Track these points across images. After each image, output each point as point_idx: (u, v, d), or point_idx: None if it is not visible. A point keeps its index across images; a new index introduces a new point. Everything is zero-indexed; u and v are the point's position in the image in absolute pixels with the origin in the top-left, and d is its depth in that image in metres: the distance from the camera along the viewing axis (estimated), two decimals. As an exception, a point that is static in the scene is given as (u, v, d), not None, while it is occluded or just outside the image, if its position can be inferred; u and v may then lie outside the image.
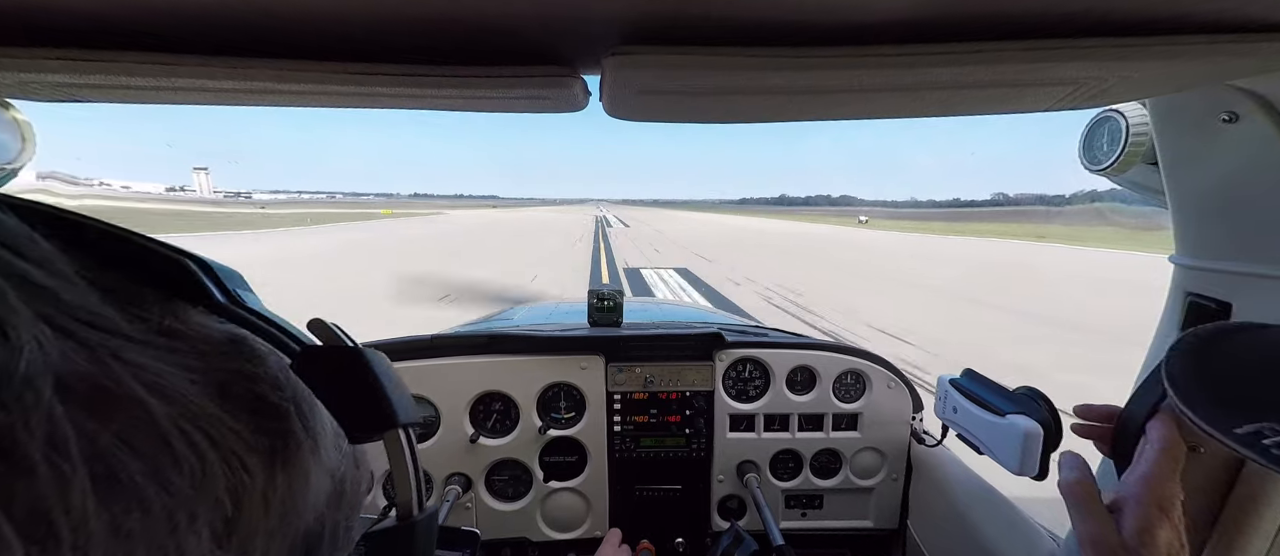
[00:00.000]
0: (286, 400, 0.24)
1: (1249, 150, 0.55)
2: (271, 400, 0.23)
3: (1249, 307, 0.60)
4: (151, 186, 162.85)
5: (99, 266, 0.20)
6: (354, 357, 0.26)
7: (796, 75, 0.43)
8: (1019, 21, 0.38)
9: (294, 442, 0.23)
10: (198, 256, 0.23)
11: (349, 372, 0.25)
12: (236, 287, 0.25)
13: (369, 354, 0.26)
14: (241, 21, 0.39)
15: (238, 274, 0.26)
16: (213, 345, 0.22)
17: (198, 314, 0.22)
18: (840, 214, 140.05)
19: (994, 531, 0.96)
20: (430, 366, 1.20)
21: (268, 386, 0.23)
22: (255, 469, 0.21)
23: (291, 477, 0.23)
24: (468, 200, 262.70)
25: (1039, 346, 6.77)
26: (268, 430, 0.22)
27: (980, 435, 0.74)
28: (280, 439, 0.22)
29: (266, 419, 0.22)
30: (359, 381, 0.25)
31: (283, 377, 0.24)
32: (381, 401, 0.25)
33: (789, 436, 1.28)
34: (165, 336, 0.20)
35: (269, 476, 0.21)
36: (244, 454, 0.20)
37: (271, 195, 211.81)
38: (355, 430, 0.25)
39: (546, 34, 0.42)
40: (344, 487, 0.27)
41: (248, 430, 0.21)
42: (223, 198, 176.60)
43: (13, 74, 0.43)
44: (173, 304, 0.22)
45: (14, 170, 0.68)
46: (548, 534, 1.28)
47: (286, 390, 0.24)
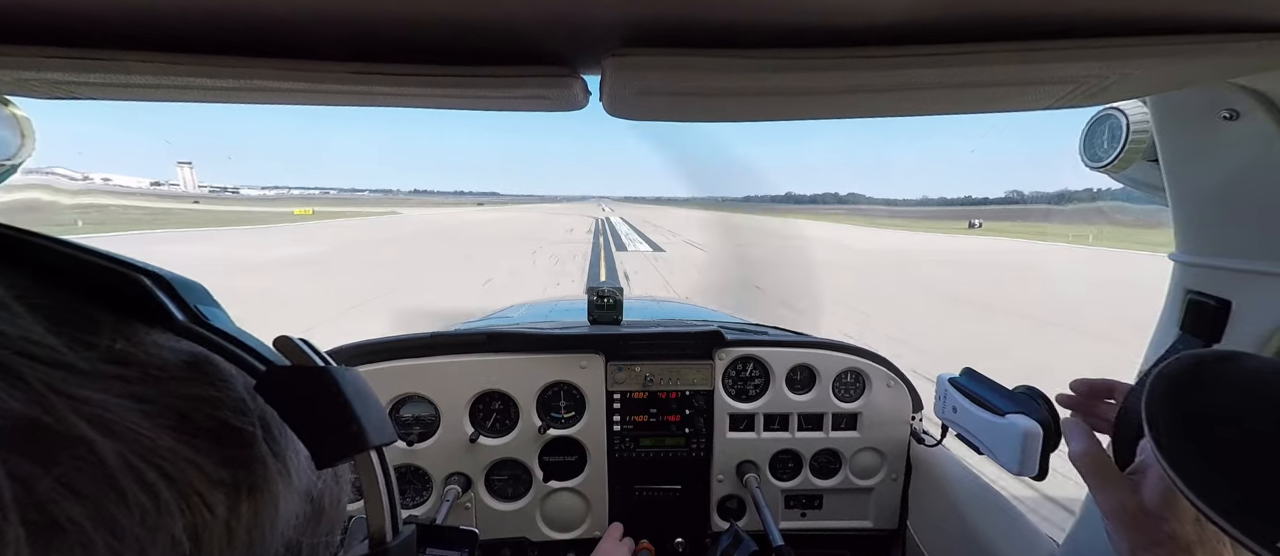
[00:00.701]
0: (252, 424, 0.22)
1: (1249, 147, 0.55)
2: (235, 425, 0.22)
3: (1248, 304, 0.60)
4: (135, 181, 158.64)
5: (44, 288, 0.19)
6: (321, 377, 0.24)
7: (796, 75, 0.42)
8: (1019, 21, 0.38)
9: (260, 469, 0.22)
10: (155, 271, 0.22)
11: (316, 393, 0.24)
12: (198, 304, 0.23)
13: (338, 372, 0.25)
14: (241, 20, 0.39)
15: (201, 288, 0.24)
16: (169, 370, 0.20)
17: (155, 335, 0.21)
18: (851, 213, 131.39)
19: (993, 531, 0.96)
20: (430, 365, 1.19)
21: (231, 411, 0.22)
22: (216, 502, 0.19)
23: (258, 506, 0.21)
24: (468, 197, 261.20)
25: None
26: (231, 459, 0.21)
27: (980, 435, 0.74)
28: (244, 468, 0.21)
29: (230, 447, 0.21)
30: (327, 402, 0.24)
31: (249, 401, 0.23)
32: (351, 422, 0.24)
33: (789, 436, 1.28)
34: (116, 363, 0.18)
35: (232, 508, 0.20)
36: (204, 488, 0.19)
37: (261, 191, 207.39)
38: (323, 454, 0.24)
39: (547, 34, 0.42)
40: (323, 506, 0.26)
41: (209, 461, 0.20)
42: (208, 193, 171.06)
43: (12, 71, 0.43)
44: (127, 326, 0.20)
45: (14, 166, 0.68)
46: (547, 533, 1.28)
47: (252, 414, 0.23)
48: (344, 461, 0.25)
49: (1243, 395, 0.35)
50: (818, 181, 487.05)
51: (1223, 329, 0.62)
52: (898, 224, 71.35)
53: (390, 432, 0.27)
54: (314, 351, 0.26)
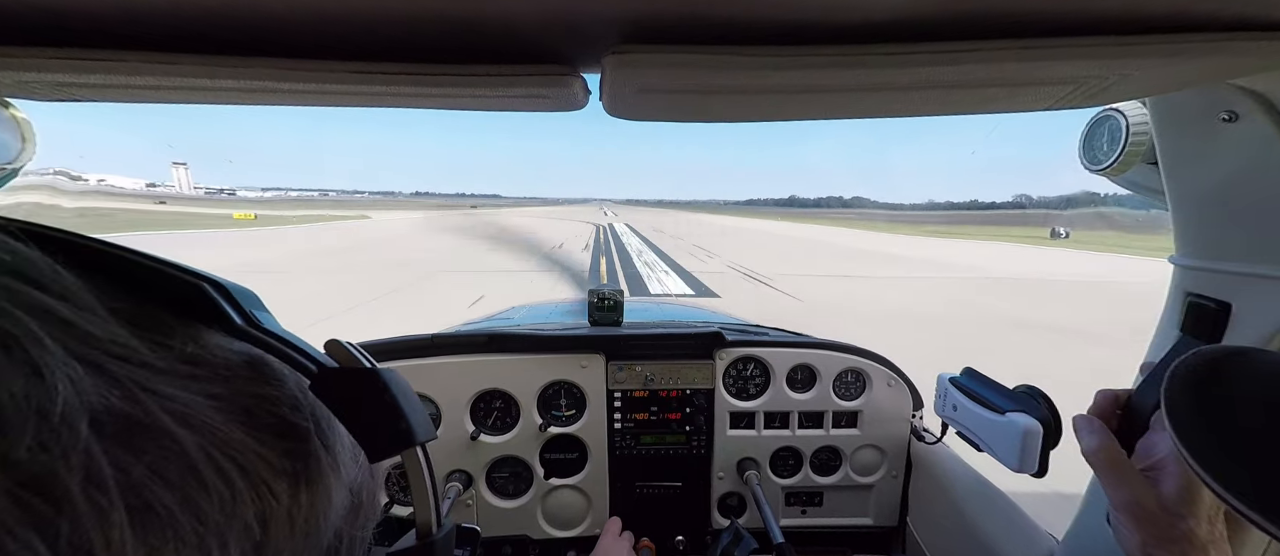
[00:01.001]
0: (306, 420, 0.24)
1: (1249, 149, 0.55)
2: (293, 421, 0.23)
3: (1249, 308, 0.59)
4: (130, 182, 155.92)
5: (119, 294, 0.20)
6: (372, 378, 0.26)
7: (796, 75, 0.42)
8: (1018, 20, 0.38)
9: (315, 462, 0.24)
10: (214, 278, 0.23)
11: (367, 392, 0.26)
12: (252, 309, 0.25)
13: (386, 374, 0.26)
14: (241, 21, 0.39)
15: (253, 294, 0.26)
16: (233, 370, 0.22)
17: (216, 337, 0.22)
18: (859, 217, 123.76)
19: (993, 528, 0.97)
20: (430, 364, 1.20)
21: (288, 408, 0.23)
22: (280, 491, 0.21)
23: (314, 497, 0.23)
24: (470, 198, 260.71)
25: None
26: (291, 452, 0.22)
27: (980, 433, 0.74)
28: (303, 460, 0.23)
29: (290, 441, 0.23)
30: (377, 401, 0.26)
31: (302, 398, 0.24)
32: (400, 420, 0.26)
33: (789, 434, 1.29)
34: (188, 364, 0.20)
35: (294, 497, 0.22)
36: (270, 478, 0.21)
37: (258, 193, 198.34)
38: (375, 449, 0.26)
39: (546, 33, 0.42)
40: (361, 500, 0.28)
41: (273, 454, 0.21)
42: (204, 194, 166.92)
43: (13, 73, 0.43)
44: (192, 328, 0.22)
45: (15, 169, 0.68)
46: (548, 531, 1.28)
47: (306, 411, 0.24)
48: (393, 456, 0.26)
49: (1261, 386, 0.35)
50: (820, 184, 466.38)
51: (1223, 332, 0.62)
52: (938, 231, 60.93)
53: (432, 430, 0.28)
54: (362, 354, 0.28)
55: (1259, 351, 0.38)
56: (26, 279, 0.17)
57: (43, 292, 0.17)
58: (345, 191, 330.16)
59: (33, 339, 0.15)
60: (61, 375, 0.15)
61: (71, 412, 0.15)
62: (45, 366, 0.15)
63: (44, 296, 0.17)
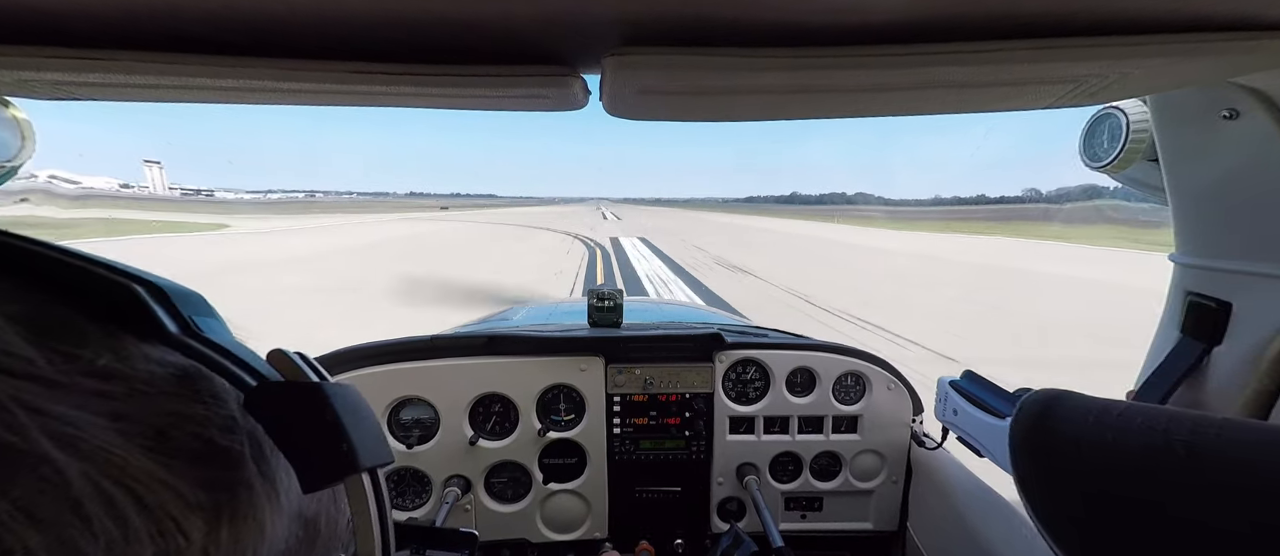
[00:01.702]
0: (240, 443, 0.21)
1: (1249, 147, 0.55)
2: (222, 444, 0.20)
3: (1249, 307, 0.59)
4: (103, 182, 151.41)
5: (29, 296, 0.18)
6: (312, 393, 0.23)
7: (796, 75, 0.43)
8: (1019, 20, 0.38)
9: (244, 493, 0.21)
10: (149, 279, 0.21)
11: (306, 411, 0.22)
12: (194, 315, 0.22)
13: (331, 389, 0.23)
14: (241, 20, 0.39)
15: (199, 298, 0.23)
16: (155, 385, 0.19)
17: (146, 347, 0.20)
18: (863, 214, 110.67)
19: (994, 533, 0.96)
20: (429, 368, 1.19)
21: (218, 429, 0.20)
22: (193, 528, 0.18)
23: (239, 533, 0.20)
24: (463, 199, 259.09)
25: None
26: (212, 482, 0.19)
27: (980, 437, 0.74)
28: (227, 491, 0.20)
29: (212, 468, 0.20)
30: (316, 421, 0.22)
31: (239, 418, 0.21)
32: (339, 442, 0.22)
33: (789, 438, 1.28)
34: (96, 378, 0.17)
35: (211, 534, 0.19)
36: (179, 513, 0.18)
37: (237, 194, 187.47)
38: (310, 476, 0.22)
39: (546, 33, 0.42)
40: (319, 528, 0.25)
41: (185, 484, 0.18)
42: (180, 196, 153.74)
43: (12, 72, 0.43)
44: (115, 338, 0.19)
45: (14, 168, 0.68)
46: (547, 535, 1.28)
47: (241, 433, 0.21)
48: (332, 484, 0.23)
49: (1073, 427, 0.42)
50: (822, 181, 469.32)
51: (1223, 331, 0.62)
52: (1008, 229, 50.28)
53: (385, 453, 0.25)
54: (309, 365, 0.25)
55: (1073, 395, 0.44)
56: None
57: None
58: (337, 192, 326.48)
59: None
60: None
61: None
62: None
63: None
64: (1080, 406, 0.41)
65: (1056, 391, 0.43)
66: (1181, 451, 0.33)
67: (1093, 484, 0.38)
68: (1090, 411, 0.40)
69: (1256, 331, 0.58)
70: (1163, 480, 0.34)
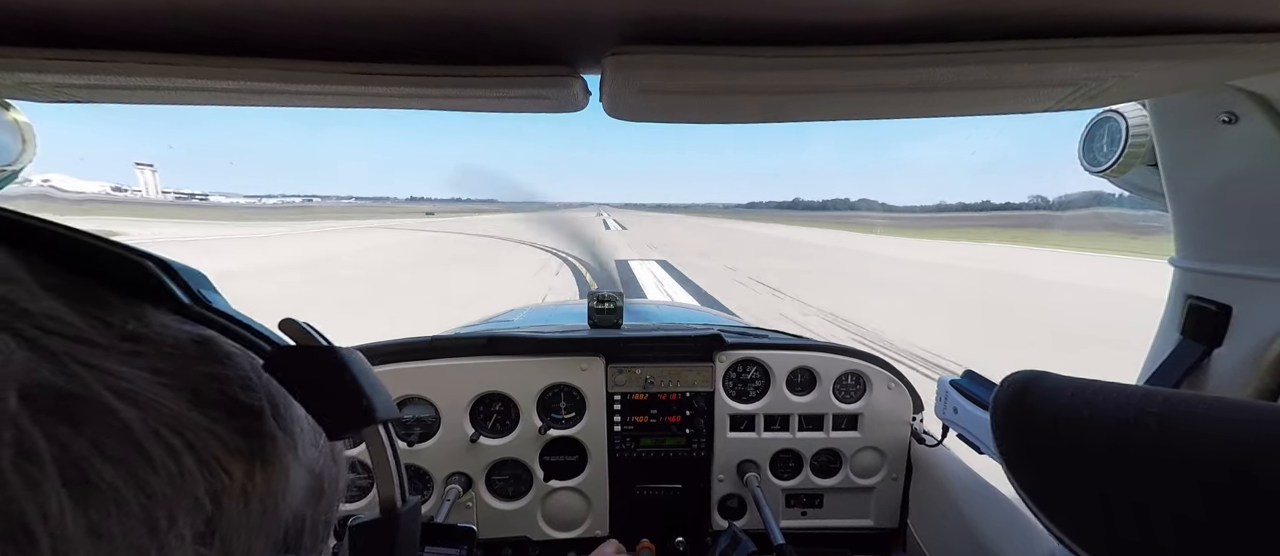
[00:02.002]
0: (259, 400, 0.23)
1: (1249, 151, 0.55)
2: (245, 401, 0.23)
3: (1250, 311, 0.59)
4: (93, 186, 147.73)
5: (60, 271, 0.19)
6: (328, 356, 0.25)
7: (796, 75, 0.42)
8: (1019, 22, 0.38)
9: (270, 443, 0.23)
10: (158, 257, 0.23)
11: (324, 371, 0.25)
12: (200, 288, 0.24)
13: (344, 352, 0.26)
14: (241, 21, 0.39)
15: (201, 274, 0.25)
16: (180, 348, 0.21)
17: (161, 315, 0.22)
18: (869, 220, 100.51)
19: (994, 530, 0.96)
20: (430, 367, 1.20)
21: (239, 388, 0.23)
22: (234, 469, 0.21)
23: (270, 476, 0.23)
24: (464, 204, 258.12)
25: None
26: (245, 430, 0.22)
27: (980, 435, 0.74)
28: (257, 439, 0.22)
29: (243, 419, 0.22)
30: (335, 380, 0.25)
31: (255, 378, 0.24)
32: (359, 398, 0.25)
33: (789, 436, 1.28)
34: (130, 341, 0.19)
35: (248, 475, 0.21)
36: (222, 455, 0.20)
37: (232, 199, 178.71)
38: (334, 428, 0.25)
39: (546, 34, 0.42)
40: (323, 484, 0.27)
41: (225, 431, 0.21)
42: (173, 200, 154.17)
43: (12, 74, 0.43)
44: (135, 306, 0.21)
45: (15, 171, 0.68)
46: (548, 533, 1.28)
47: (259, 391, 0.23)
48: (354, 433, 0.26)
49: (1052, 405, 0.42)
50: (822, 187, 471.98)
51: (1223, 334, 0.62)
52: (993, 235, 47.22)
53: (394, 408, 0.28)
54: (317, 333, 0.27)
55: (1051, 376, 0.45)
56: None
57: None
58: (337, 197, 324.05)
59: None
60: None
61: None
62: None
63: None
64: (1057, 384, 0.42)
65: (1035, 372, 0.44)
66: (1154, 425, 0.34)
67: (1070, 459, 0.38)
68: (1066, 389, 0.41)
69: (1256, 334, 0.58)
70: (1136, 454, 0.35)
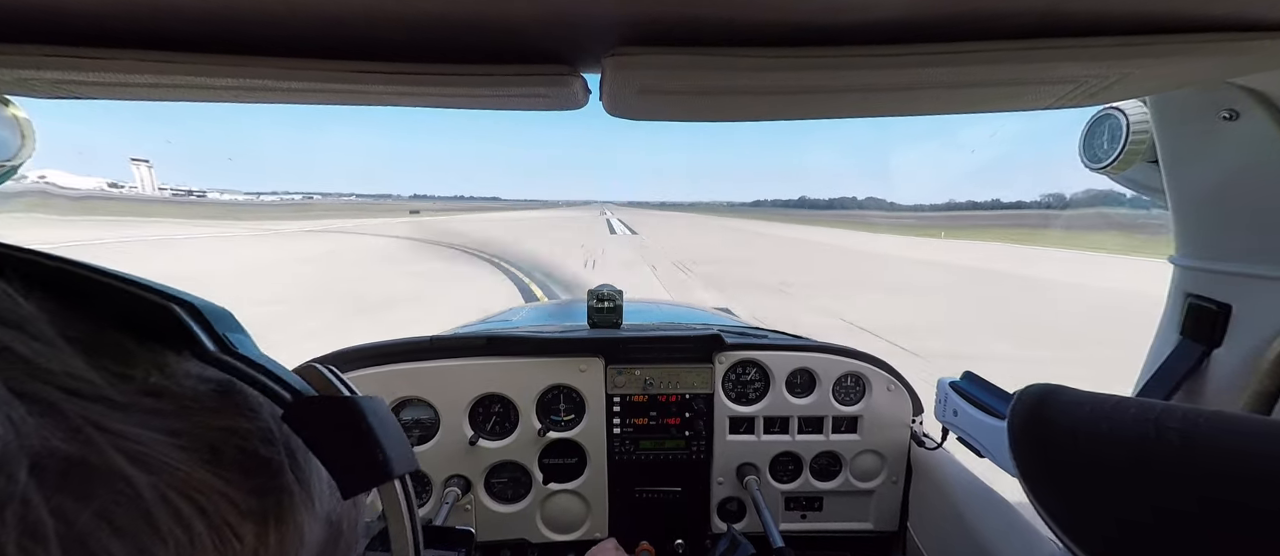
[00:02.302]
0: (279, 454, 0.23)
1: (1250, 148, 0.55)
2: (264, 455, 0.22)
3: (1249, 309, 0.59)
4: (88, 182, 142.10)
5: (78, 319, 0.19)
6: (348, 407, 0.25)
7: (796, 75, 0.42)
8: (1019, 20, 0.38)
9: (288, 498, 0.22)
10: (187, 299, 0.22)
11: (342, 423, 0.24)
12: (227, 331, 0.23)
13: (364, 402, 0.25)
14: (241, 19, 0.39)
15: (229, 315, 0.24)
16: (201, 400, 0.21)
17: (184, 363, 0.21)
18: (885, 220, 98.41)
19: (994, 534, 0.96)
20: (429, 368, 1.19)
21: (259, 441, 0.22)
22: (246, 533, 0.20)
23: (284, 535, 0.22)
24: (467, 202, 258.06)
25: None
26: (259, 489, 0.21)
27: (980, 438, 0.74)
28: (273, 497, 0.22)
29: (258, 477, 0.21)
30: (352, 432, 0.24)
31: (276, 430, 0.23)
32: (376, 451, 0.24)
33: (789, 439, 1.28)
34: (151, 396, 0.19)
35: (261, 537, 0.21)
36: (235, 520, 0.19)
37: (230, 195, 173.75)
38: (349, 484, 0.24)
39: (546, 33, 0.42)
40: (341, 530, 0.27)
41: (239, 493, 0.20)
42: (170, 196, 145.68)
43: (12, 71, 0.43)
44: (158, 355, 0.20)
45: (14, 167, 0.68)
46: (547, 535, 1.27)
47: (279, 443, 0.23)
48: (368, 490, 0.25)
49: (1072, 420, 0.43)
50: (828, 185, 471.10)
51: (1223, 333, 0.61)
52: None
53: (412, 460, 0.27)
54: (339, 379, 0.26)
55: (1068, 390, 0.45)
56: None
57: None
58: (338, 194, 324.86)
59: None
60: (1, 417, 0.14)
61: (9, 458, 0.14)
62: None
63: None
64: (1074, 399, 0.42)
65: (1050, 385, 0.44)
66: (1176, 441, 0.34)
67: (1091, 475, 0.38)
68: (1084, 404, 0.41)
69: (1257, 333, 0.58)
70: (1158, 469, 0.35)
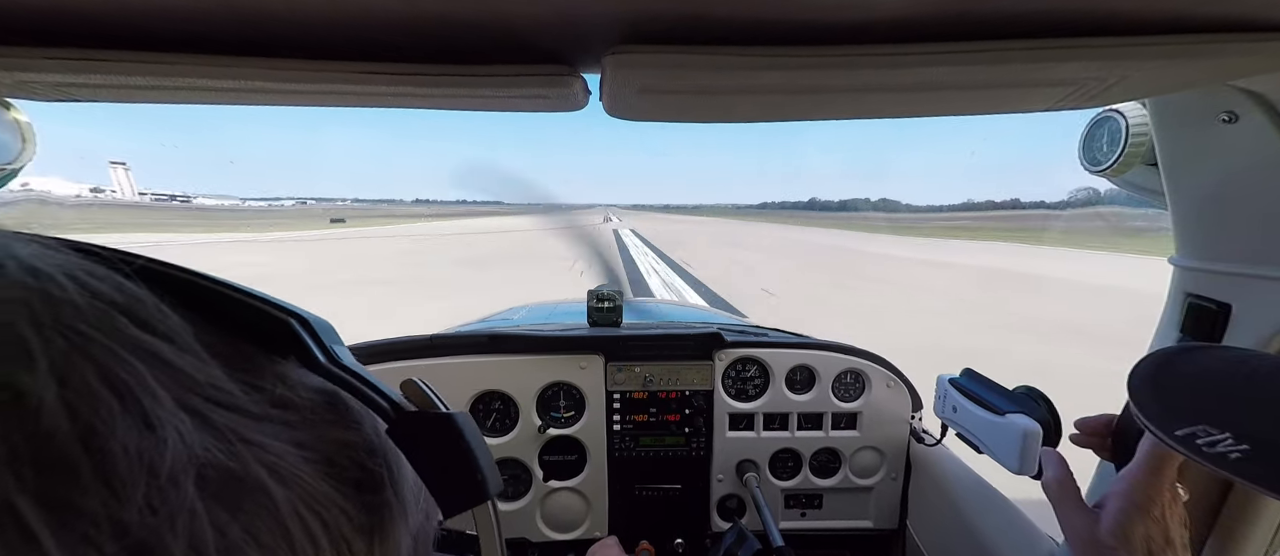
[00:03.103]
0: (381, 467, 0.23)
1: (1249, 150, 0.55)
2: (370, 468, 0.22)
3: (1249, 309, 0.60)
4: (67, 186, 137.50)
5: (216, 331, 0.19)
6: (448, 424, 0.25)
7: (796, 75, 0.43)
8: (1019, 21, 0.38)
9: (388, 513, 0.23)
10: (300, 312, 0.23)
11: (444, 441, 0.24)
12: (331, 343, 0.24)
13: (461, 420, 0.25)
14: (240, 21, 0.39)
15: (332, 327, 0.25)
16: (317, 412, 0.21)
17: (300, 374, 0.22)
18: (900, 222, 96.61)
19: (993, 530, 0.96)
20: (429, 365, 1.20)
21: (365, 454, 0.22)
22: (359, 548, 0.20)
23: (387, 549, 0.22)
24: (470, 207, 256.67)
25: None
26: (367, 504, 0.21)
27: (980, 434, 0.74)
28: (378, 513, 0.22)
29: (366, 492, 0.22)
30: (453, 450, 0.24)
31: (377, 443, 0.23)
32: (475, 472, 0.24)
33: (788, 435, 1.28)
34: (279, 407, 0.19)
35: (368, 549, 0.21)
36: (350, 534, 0.20)
37: (219, 201, 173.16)
38: (451, 503, 0.24)
39: (546, 33, 0.42)
40: (419, 540, 0.27)
41: (352, 507, 0.20)
42: (151, 201, 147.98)
43: (12, 74, 0.43)
44: (279, 366, 0.21)
45: (14, 170, 0.68)
46: (547, 534, 1.28)
47: (380, 456, 0.23)
48: (468, 509, 0.25)
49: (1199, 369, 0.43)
50: (837, 187, 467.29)
51: (1223, 332, 0.62)
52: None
53: (500, 480, 0.27)
54: (438, 397, 0.27)
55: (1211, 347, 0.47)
56: (136, 319, 0.16)
57: (151, 334, 0.16)
58: (335, 199, 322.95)
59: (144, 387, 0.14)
60: (170, 427, 0.14)
61: (179, 470, 0.14)
62: (154, 417, 0.14)
63: (153, 339, 0.16)
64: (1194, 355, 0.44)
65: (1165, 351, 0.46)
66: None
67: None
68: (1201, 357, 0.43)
69: (1256, 332, 0.59)
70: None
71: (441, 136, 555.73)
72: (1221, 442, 0.36)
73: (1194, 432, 0.37)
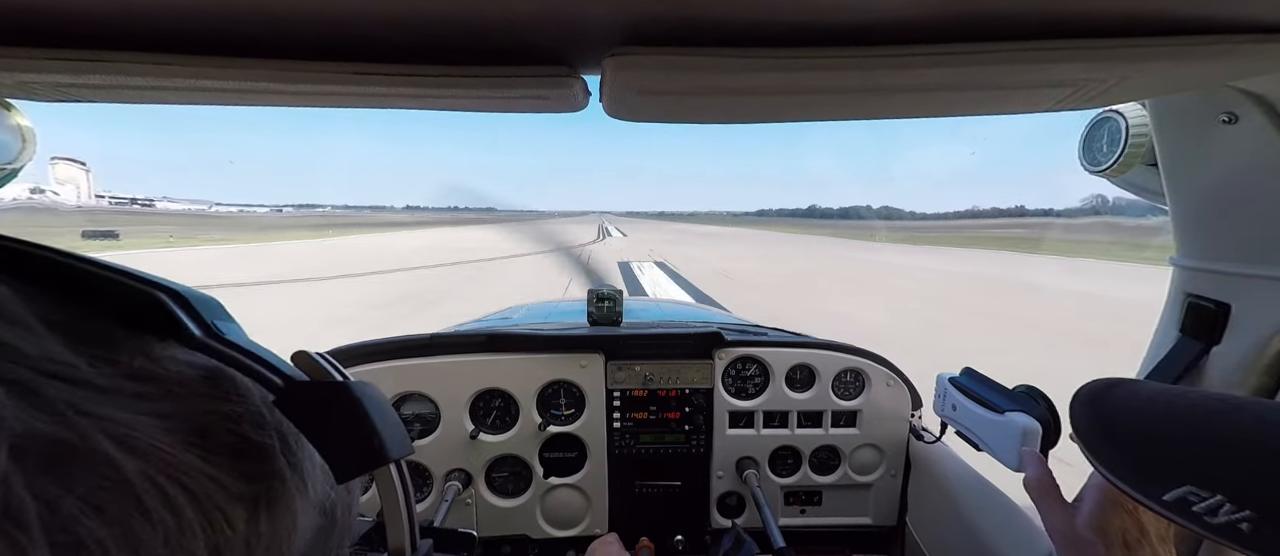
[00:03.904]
0: (270, 438, 0.22)
1: (1249, 151, 0.55)
2: (255, 439, 0.22)
3: (1248, 308, 0.60)
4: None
5: (62, 305, 0.19)
6: (341, 391, 0.24)
7: (796, 75, 0.43)
8: (1019, 22, 0.38)
9: (278, 483, 0.22)
10: (171, 287, 0.22)
11: (336, 408, 0.24)
12: (214, 319, 0.23)
13: (357, 386, 0.25)
14: (241, 21, 0.39)
15: (216, 303, 0.24)
16: (188, 385, 0.20)
17: (172, 350, 0.21)
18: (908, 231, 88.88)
19: (992, 527, 0.97)
20: (430, 364, 1.20)
21: (250, 425, 0.22)
22: (236, 518, 0.19)
23: (276, 521, 0.22)
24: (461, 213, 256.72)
25: None
26: (250, 474, 0.21)
27: (979, 432, 0.74)
28: (263, 482, 0.21)
29: (249, 462, 0.21)
30: (346, 416, 0.24)
31: (267, 414, 0.23)
32: (371, 437, 0.24)
33: (788, 432, 1.29)
34: (135, 380, 0.19)
35: (252, 523, 0.20)
36: (224, 503, 0.19)
37: (187, 206, 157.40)
38: (344, 469, 0.24)
39: (546, 34, 0.42)
40: (335, 517, 0.27)
41: (229, 476, 0.20)
42: (109, 204, 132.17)
43: (13, 74, 0.43)
44: (144, 341, 0.20)
45: (14, 170, 0.68)
46: (548, 530, 1.28)
47: (269, 428, 0.23)
48: (362, 474, 0.25)
49: (1136, 399, 0.42)
50: (836, 193, 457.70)
51: (1222, 332, 0.62)
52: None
53: (408, 445, 0.26)
54: (332, 365, 0.26)
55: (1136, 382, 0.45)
56: None
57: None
58: (333, 206, 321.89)
59: None
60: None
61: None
62: None
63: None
64: (1134, 389, 0.42)
65: (1106, 380, 0.44)
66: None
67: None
68: (1142, 393, 0.41)
69: (1255, 332, 0.59)
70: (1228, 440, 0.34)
71: (435, 143, 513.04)
72: (1222, 511, 0.32)
73: (1185, 497, 0.34)
